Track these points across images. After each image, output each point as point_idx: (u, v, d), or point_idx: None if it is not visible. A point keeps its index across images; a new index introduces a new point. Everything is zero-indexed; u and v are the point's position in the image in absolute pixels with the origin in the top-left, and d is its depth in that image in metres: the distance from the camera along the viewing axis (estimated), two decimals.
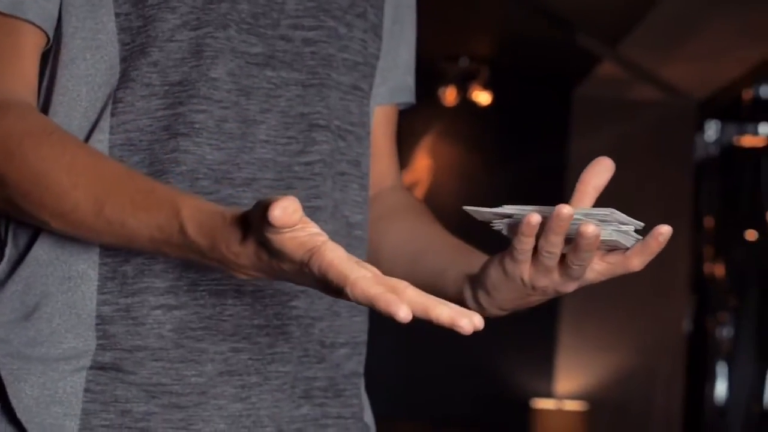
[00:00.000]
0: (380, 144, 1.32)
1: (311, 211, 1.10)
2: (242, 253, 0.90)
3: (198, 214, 0.93)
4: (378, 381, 1.24)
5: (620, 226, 0.95)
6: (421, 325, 0.90)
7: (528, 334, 5.23)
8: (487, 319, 0.92)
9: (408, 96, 1.35)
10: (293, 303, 1.11)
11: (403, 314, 0.78)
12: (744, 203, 5.03)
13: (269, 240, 0.84)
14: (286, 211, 0.80)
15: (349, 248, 1.16)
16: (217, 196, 1.08)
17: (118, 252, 1.07)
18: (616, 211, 0.93)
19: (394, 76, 1.31)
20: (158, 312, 1.07)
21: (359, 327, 1.19)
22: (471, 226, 1.25)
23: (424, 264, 1.17)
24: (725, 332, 5.05)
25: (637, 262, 0.97)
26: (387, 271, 1.28)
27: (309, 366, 1.13)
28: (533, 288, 1.01)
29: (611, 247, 0.98)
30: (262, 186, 1.10)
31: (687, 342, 5.41)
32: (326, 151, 1.14)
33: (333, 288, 0.82)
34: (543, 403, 5.28)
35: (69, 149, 1.02)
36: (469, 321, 0.80)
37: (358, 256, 1.17)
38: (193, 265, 1.06)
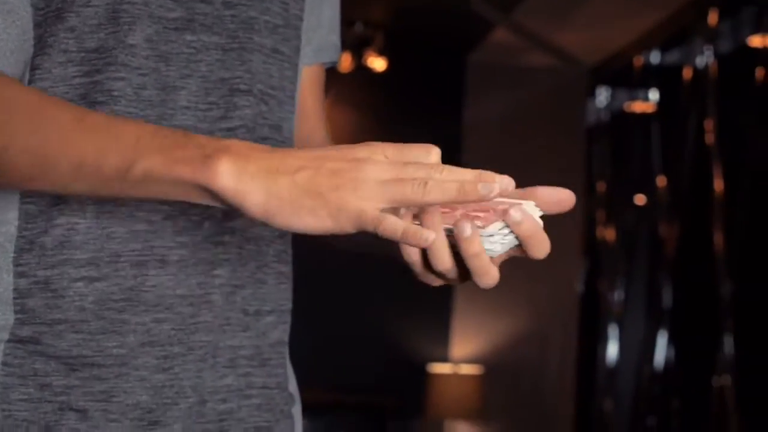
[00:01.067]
0: (307, 104, 1.31)
1: None
2: None
3: None
4: None
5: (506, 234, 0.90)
6: (315, 293, 0.89)
7: (423, 300, 5.26)
8: (383, 286, 0.90)
9: (333, 55, 1.33)
10: (217, 271, 1.09)
11: None
12: (634, 168, 5.10)
13: None
14: None
15: None
16: None
17: (36, 223, 1.04)
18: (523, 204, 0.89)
19: (318, 36, 1.30)
20: (79, 284, 1.05)
21: (285, 295, 1.18)
22: None
23: None
24: (616, 295, 5.14)
25: (534, 253, 0.91)
26: None
27: (233, 335, 1.12)
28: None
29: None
30: None
31: (579, 305, 5.49)
32: (248, 116, 1.12)
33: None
34: (439, 368, 5.32)
35: (37, 90, 0.99)
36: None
37: None
38: (167, 201, 1.00)
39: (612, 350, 5.15)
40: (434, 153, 0.84)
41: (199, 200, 0.87)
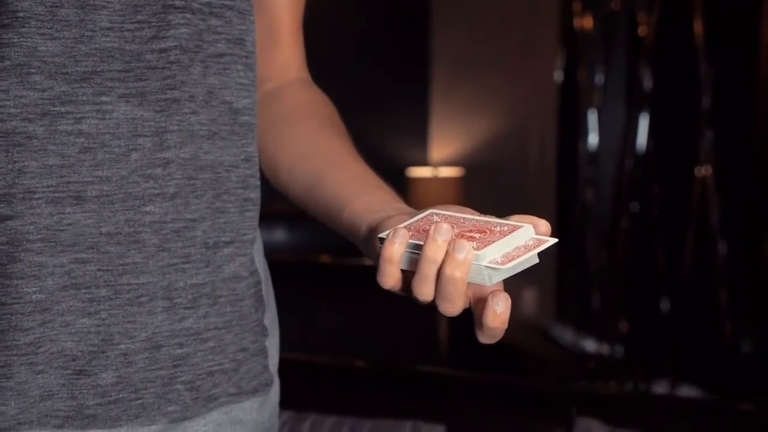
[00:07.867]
0: (285, 31, 1.20)
1: (167, 104, 1.00)
2: None
3: None
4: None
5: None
6: None
7: (400, 104, 5.19)
8: (359, 92, 0.86)
9: None
10: (147, 208, 1.01)
11: None
12: None
13: None
14: None
15: (235, 136, 1.06)
16: (51, 93, 0.96)
17: None
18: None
19: None
20: None
21: (249, 223, 1.09)
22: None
23: (321, 193, 1.09)
24: (596, 80, 5.07)
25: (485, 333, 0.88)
26: (284, 189, 1.18)
27: (195, 272, 1.04)
28: None
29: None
30: (105, 79, 0.98)
31: (559, 96, 5.43)
32: (184, 35, 1.01)
33: None
34: (419, 172, 5.29)
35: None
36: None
37: (246, 144, 1.07)
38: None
39: (592, 139, 5.11)
40: None
41: None
